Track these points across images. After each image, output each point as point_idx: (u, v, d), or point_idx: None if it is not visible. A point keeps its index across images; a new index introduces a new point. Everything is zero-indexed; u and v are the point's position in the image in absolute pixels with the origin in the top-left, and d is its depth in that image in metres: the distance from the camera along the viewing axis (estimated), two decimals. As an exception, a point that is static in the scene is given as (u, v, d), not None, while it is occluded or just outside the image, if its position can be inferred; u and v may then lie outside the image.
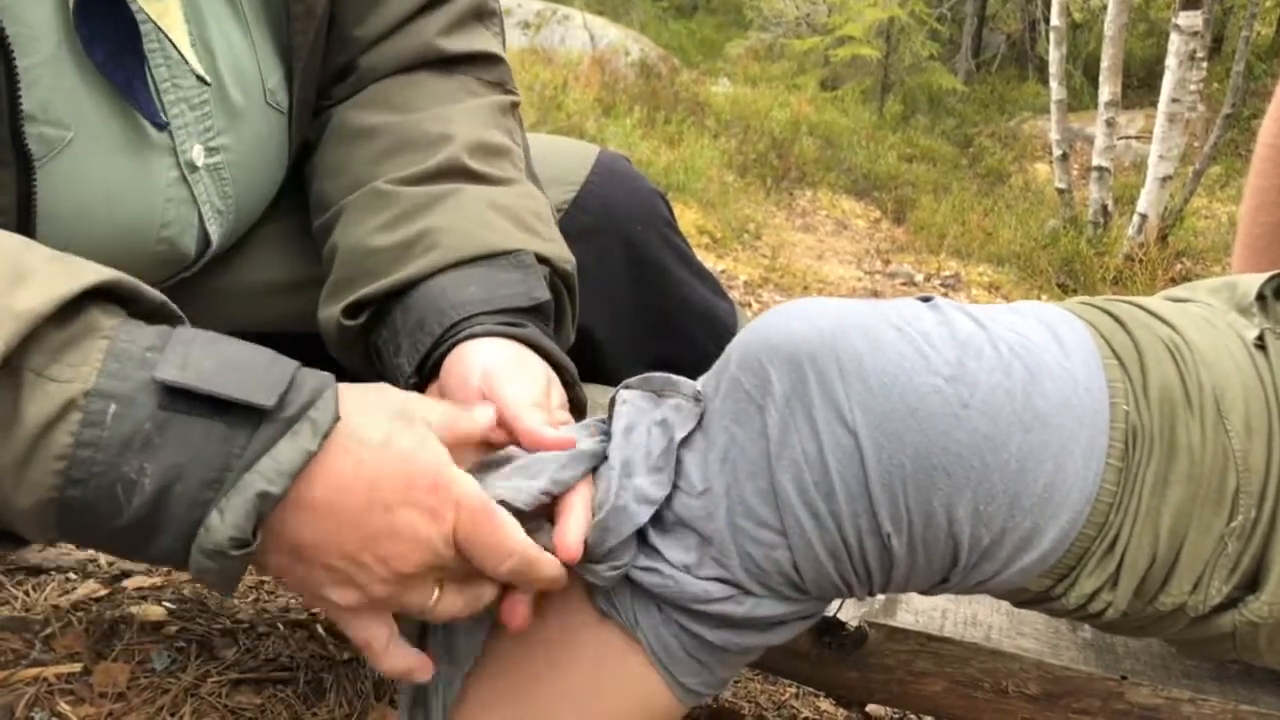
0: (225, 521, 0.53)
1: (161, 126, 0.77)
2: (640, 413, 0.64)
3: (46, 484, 0.52)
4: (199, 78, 0.79)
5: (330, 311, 0.81)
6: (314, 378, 0.57)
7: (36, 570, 1.20)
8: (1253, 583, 0.62)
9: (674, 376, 0.65)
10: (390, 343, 0.79)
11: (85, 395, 0.52)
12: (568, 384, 0.77)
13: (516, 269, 0.79)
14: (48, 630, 1.08)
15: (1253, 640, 0.64)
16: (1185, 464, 0.60)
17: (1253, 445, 0.60)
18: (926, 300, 0.63)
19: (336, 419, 0.56)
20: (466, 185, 0.83)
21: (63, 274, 0.54)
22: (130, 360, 0.53)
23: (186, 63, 0.78)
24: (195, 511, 0.53)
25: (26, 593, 1.16)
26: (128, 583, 1.21)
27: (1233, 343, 0.64)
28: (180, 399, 0.53)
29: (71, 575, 1.21)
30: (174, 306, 0.60)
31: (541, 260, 0.81)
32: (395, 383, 0.77)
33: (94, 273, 0.55)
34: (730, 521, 0.60)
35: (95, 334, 0.53)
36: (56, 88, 0.70)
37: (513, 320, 0.76)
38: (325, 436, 0.55)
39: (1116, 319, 0.64)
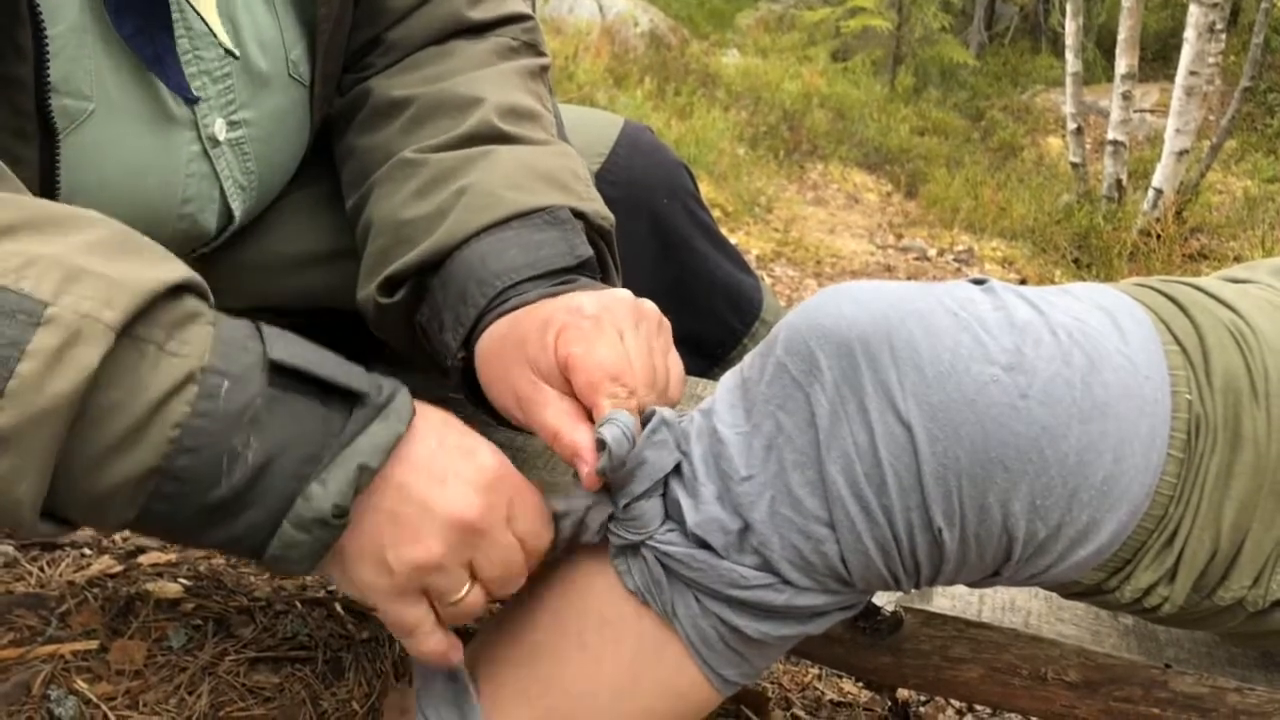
0: (329, 490, 0.55)
1: (192, 101, 0.75)
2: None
3: (159, 451, 0.53)
4: (226, 50, 0.77)
5: (367, 290, 0.78)
6: (389, 379, 0.60)
7: (51, 545, 1.19)
8: None
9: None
10: (434, 320, 0.76)
11: (201, 371, 0.54)
12: None
13: (554, 226, 0.75)
14: (63, 607, 1.06)
15: (1310, 635, 0.62)
16: (1250, 455, 0.57)
17: None
18: (980, 283, 0.60)
19: (414, 413, 0.60)
20: (499, 146, 0.80)
21: (165, 258, 0.57)
22: (234, 344, 0.56)
23: (214, 35, 0.75)
24: (292, 485, 0.55)
25: (41, 569, 1.14)
26: (143, 559, 1.19)
27: (1298, 328, 0.61)
28: (287, 379, 0.57)
29: (86, 550, 1.20)
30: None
31: (578, 216, 0.77)
32: (444, 362, 0.75)
33: (185, 267, 0.58)
34: (773, 510, 0.58)
35: (200, 319, 0.56)
36: (78, 58, 0.68)
37: (562, 282, 0.73)
38: (409, 423, 0.59)
39: (1176, 302, 0.62)
